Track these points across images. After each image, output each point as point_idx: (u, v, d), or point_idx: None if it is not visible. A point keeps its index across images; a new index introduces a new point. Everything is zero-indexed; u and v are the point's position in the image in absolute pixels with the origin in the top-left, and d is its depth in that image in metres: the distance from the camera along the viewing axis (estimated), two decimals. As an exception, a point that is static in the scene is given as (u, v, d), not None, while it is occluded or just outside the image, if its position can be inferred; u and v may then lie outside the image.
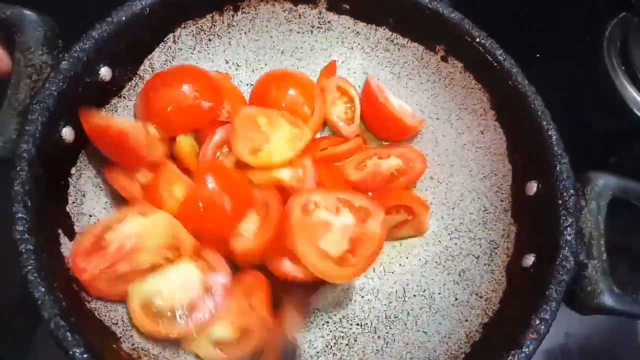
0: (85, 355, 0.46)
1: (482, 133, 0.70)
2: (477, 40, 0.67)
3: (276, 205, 0.60)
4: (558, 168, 0.59)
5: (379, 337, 0.61)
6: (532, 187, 0.62)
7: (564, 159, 0.59)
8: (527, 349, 0.50)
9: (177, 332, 0.53)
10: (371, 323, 0.62)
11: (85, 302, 0.53)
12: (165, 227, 0.58)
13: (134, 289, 0.55)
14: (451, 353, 0.57)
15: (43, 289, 0.48)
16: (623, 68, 0.97)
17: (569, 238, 0.55)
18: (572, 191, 0.58)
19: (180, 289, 0.55)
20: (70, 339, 0.46)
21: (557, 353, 0.73)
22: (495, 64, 0.66)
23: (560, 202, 0.57)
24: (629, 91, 0.95)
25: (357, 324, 0.62)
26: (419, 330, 0.61)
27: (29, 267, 0.49)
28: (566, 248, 0.55)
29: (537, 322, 0.51)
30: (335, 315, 0.62)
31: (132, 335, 0.54)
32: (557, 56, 0.99)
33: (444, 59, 0.72)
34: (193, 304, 0.55)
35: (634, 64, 0.95)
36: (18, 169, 0.52)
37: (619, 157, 0.90)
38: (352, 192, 0.62)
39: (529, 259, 0.58)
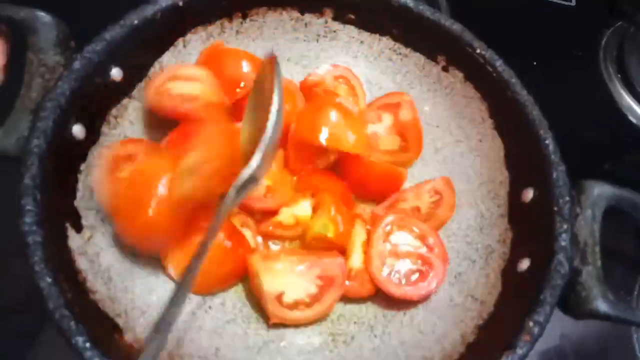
0: (87, 344, 0.47)
1: (481, 141, 0.71)
2: (478, 51, 0.69)
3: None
4: (554, 176, 0.60)
5: (375, 335, 0.62)
6: (529, 194, 0.63)
7: (561, 167, 0.61)
8: (520, 351, 0.51)
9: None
10: (368, 322, 0.63)
11: (90, 294, 0.54)
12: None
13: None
14: (446, 353, 0.58)
15: (49, 280, 0.49)
16: (619, 76, 0.99)
17: (563, 244, 0.56)
18: (567, 198, 0.59)
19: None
20: (73, 328, 0.48)
21: (551, 354, 0.73)
22: (495, 74, 0.68)
23: (556, 209, 0.58)
24: (625, 99, 0.97)
25: (355, 322, 0.63)
26: (414, 330, 0.62)
27: (36, 259, 0.50)
28: (561, 254, 0.56)
29: (531, 324, 0.52)
30: (332, 312, 0.63)
31: (134, 327, 0.55)
32: (554, 64, 1.01)
33: (445, 69, 0.74)
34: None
35: (629, 73, 0.97)
36: (28, 163, 0.54)
37: (615, 164, 0.92)
38: None
39: (524, 264, 0.59)
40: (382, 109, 0.75)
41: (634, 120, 0.95)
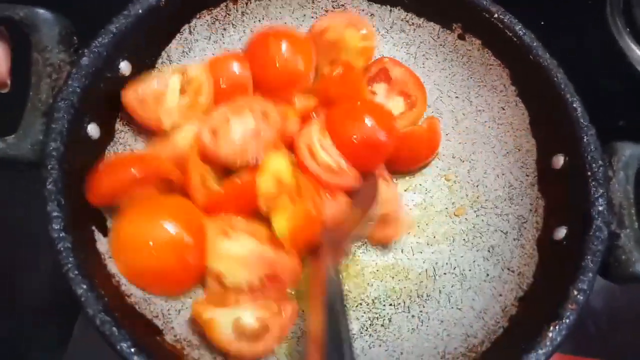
0: (132, 350, 0.46)
1: (503, 109, 0.70)
2: (496, 15, 0.67)
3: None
4: (585, 140, 0.59)
5: (413, 316, 0.62)
6: (559, 161, 0.62)
7: (591, 131, 0.59)
8: (567, 320, 0.51)
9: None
10: (404, 303, 0.62)
11: (126, 297, 0.53)
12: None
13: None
14: (489, 328, 0.58)
15: (85, 286, 0.48)
16: (627, 29, 0.96)
17: (600, 209, 0.56)
18: (600, 162, 0.58)
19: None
20: (117, 334, 0.47)
21: (583, 314, 0.73)
22: (515, 39, 0.66)
23: (589, 173, 0.57)
24: (635, 51, 0.94)
25: (390, 304, 0.63)
26: (452, 308, 0.61)
27: (69, 265, 0.49)
28: (599, 219, 0.55)
29: (576, 293, 0.52)
30: (367, 296, 0.63)
31: (173, 327, 0.54)
32: (561, 22, 0.98)
33: (461, 37, 0.72)
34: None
35: (638, 24, 0.95)
36: (49, 167, 0.52)
37: (627, 120, 0.90)
38: None
39: (561, 232, 0.58)
40: (371, 82, 0.72)
41: (646, 73, 0.92)
